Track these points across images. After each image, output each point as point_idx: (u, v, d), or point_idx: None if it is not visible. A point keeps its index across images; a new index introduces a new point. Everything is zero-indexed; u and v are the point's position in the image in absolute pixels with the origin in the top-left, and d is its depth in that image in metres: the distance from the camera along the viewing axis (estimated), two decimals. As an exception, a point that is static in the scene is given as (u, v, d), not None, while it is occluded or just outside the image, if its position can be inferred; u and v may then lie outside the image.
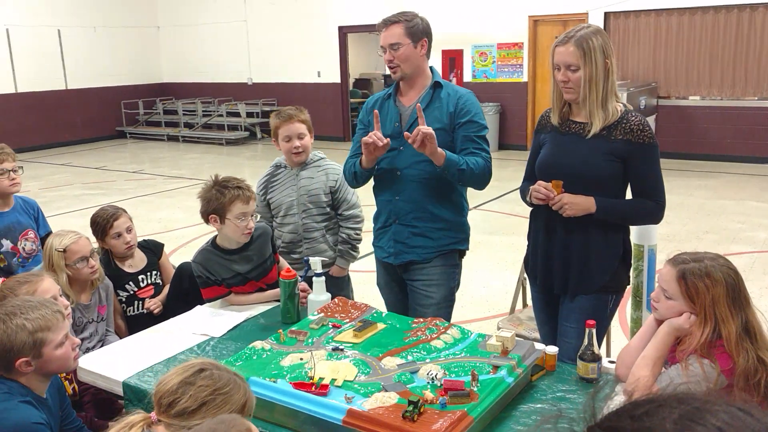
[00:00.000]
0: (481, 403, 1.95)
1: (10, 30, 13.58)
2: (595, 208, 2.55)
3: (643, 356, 2.10)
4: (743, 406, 0.57)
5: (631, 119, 2.55)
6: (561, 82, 2.55)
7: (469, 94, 2.98)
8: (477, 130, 2.92)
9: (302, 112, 3.41)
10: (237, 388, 1.69)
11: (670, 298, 2.08)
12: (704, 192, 8.67)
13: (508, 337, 2.25)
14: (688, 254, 2.10)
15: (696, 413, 0.56)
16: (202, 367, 1.71)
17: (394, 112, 3.00)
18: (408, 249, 3.00)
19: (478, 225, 7.09)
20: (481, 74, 12.50)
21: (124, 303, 3.30)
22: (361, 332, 2.43)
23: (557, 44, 2.55)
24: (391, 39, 2.88)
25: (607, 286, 2.67)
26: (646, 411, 0.58)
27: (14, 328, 1.99)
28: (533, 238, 2.83)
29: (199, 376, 1.68)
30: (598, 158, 2.55)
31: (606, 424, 0.59)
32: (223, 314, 2.94)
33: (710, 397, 0.58)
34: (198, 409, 1.64)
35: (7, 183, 3.43)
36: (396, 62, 2.89)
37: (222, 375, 1.70)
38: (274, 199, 3.45)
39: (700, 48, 10.59)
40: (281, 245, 3.43)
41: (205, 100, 15.62)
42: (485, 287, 5.47)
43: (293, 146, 3.34)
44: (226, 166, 11.70)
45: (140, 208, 8.51)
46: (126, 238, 3.25)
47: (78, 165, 12.38)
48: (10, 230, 3.47)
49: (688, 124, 10.88)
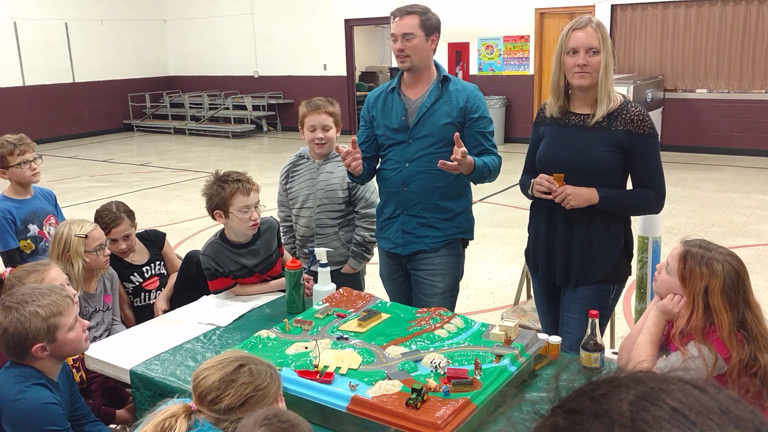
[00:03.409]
0: (483, 392, 1.97)
1: (18, 23, 13.62)
2: (598, 199, 2.56)
3: (637, 343, 2.12)
4: (698, 383, 0.57)
5: (631, 110, 2.55)
6: (577, 66, 2.50)
7: (475, 89, 3.02)
8: (487, 125, 2.98)
9: (332, 105, 3.39)
10: (273, 380, 1.74)
11: (669, 274, 2.10)
12: (710, 185, 8.64)
13: (511, 327, 2.26)
14: (703, 241, 2.10)
15: (652, 393, 0.56)
16: (241, 362, 1.74)
17: (399, 105, 3.01)
18: (416, 239, 3.03)
19: (484, 217, 7.10)
20: (487, 67, 12.48)
21: (131, 294, 3.33)
22: (365, 322, 2.45)
23: (574, 28, 2.51)
24: (405, 29, 2.89)
25: (609, 277, 2.68)
26: (604, 392, 0.58)
27: (28, 315, 2.02)
28: (534, 230, 2.83)
29: (239, 373, 1.71)
30: (599, 149, 2.56)
31: (567, 405, 0.59)
32: (229, 304, 2.97)
33: (667, 377, 0.59)
34: (241, 405, 1.68)
35: (29, 173, 3.50)
36: (407, 52, 2.90)
37: (261, 370, 1.73)
38: (293, 189, 3.44)
39: (707, 41, 10.54)
40: (297, 238, 3.44)
41: (212, 93, 15.64)
42: (490, 279, 5.49)
43: (316, 137, 3.31)
44: (233, 159, 11.73)
45: (147, 201, 8.55)
46: (121, 245, 3.24)
47: (85, 157, 12.43)
48: (35, 215, 3.55)
49: (694, 117, 10.83)
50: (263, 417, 1.49)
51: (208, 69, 16.13)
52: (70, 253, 2.89)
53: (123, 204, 3.34)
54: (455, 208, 3.02)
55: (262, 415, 1.50)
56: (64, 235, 2.92)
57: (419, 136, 2.95)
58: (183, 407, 1.72)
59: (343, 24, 13.84)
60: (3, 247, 3.42)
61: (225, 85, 15.78)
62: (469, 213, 3.12)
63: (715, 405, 0.55)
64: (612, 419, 0.55)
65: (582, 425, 0.56)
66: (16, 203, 3.50)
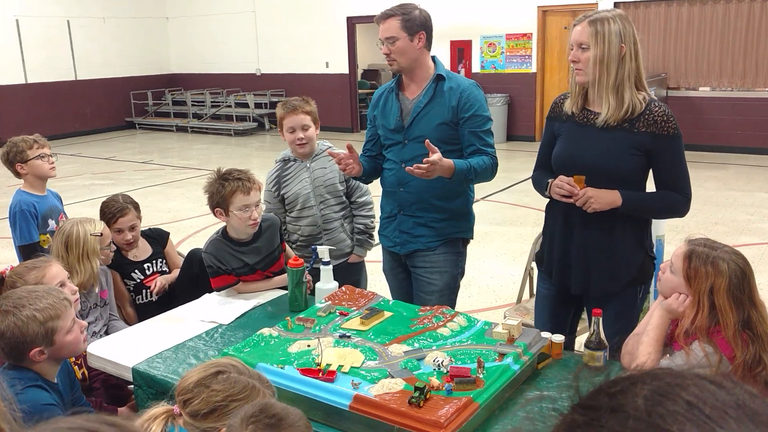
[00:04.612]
0: (486, 390, 1.96)
1: (20, 20, 13.62)
2: (621, 202, 2.44)
3: (641, 342, 2.11)
4: (714, 378, 0.57)
5: (654, 110, 2.44)
6: (571, 62, 2.47)
7: (472, 86, 2.95)
8: (481, 124, 2.91)
9: (308, 103, 3.36)
10: (256, 394, 1.65)
11: (673, 273, 2.09)
12: (713, 183, 8.62)
13: (515, 325, 2.26)
14: (708, 240, 2.08)
15: (667, 388, 0.57)
16: (220, 369, 1.67)
17: (396, 106, 3.01)
18: (413, 239, 3.04)
19: (486, 215, 7.09)
20: (489, 65, 12.46)
21: (132, 291, 3.33)
22: (368, 320, 2.45)
23: (574, 24, 2.48)
24: (387, 33, 2.89)
25: (634, 279, 2.58)
26: (621, 389, 0.58)
27: (25, 319, 2.00)
28: (549, 233, 2.71)
29: (215, 379, 1.65)
30: (621, 151, 2.44)
31: (586, 402, 0.60)
32: (231, 302, 2.97)
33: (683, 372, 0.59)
34: (210, 413, 1.61)
35: (48, 167, 3.62)
36: (393, 56, 2.91)
37: (239, 380, 1.65)
38: (289, 193, 3.39)
39: (710, 38, 10.51)
40: (299, 239, 3.42)
41: (214, 91, 15.64)
42: (492, 277, 5.48)
43: (297, 137, 3.30)
44: (235, 157, 11.72)
45: (149, 198, 8.55)
46: (126, 236, 3.26)
47: (87, 155, 12.44)
48: (52, 212, 3.62)
49: (697, 115, 10.81)
50: (250, 414, 1.44)
51: (210, 66, 16.13)
52: (89, 253, 2.90)
53: (128, 196, 3.39)
54: (453, 208, 3.01)
55: (249, 412, 1.45)
56: (81, 235, 2.90)
57: (413, 136, 2.94)
58: (165, 410, 1.68)
59: (345, 22, 13.83)
60: (28, 240, 3.46)
61: (227, 83, 15.78)
62: (469, 212, 3.10)
63: (731, 399, 0.55)
64: (627, 414, 0.55)
65: (599, 421, 0.57)
66: (37, 198, 3.58)
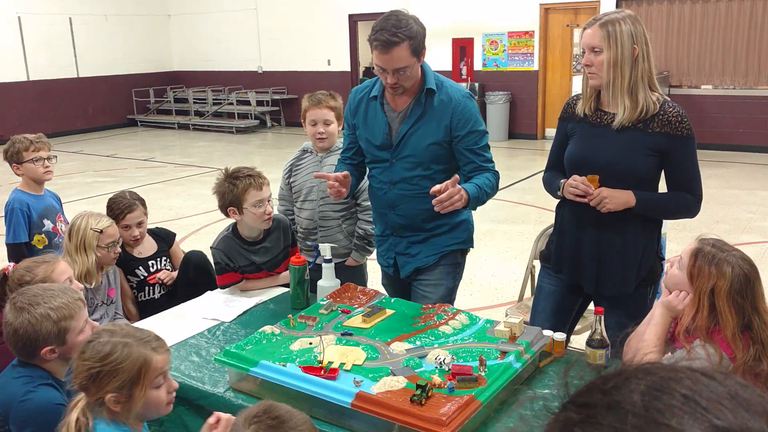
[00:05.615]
0: (488, 388, 1.97)
1: (22, 18, 13.63)
2: (635, 202, 2.43)
3: (643, 340, 2.12)
4: (706, 371, 0.58)
5: (668, 110, 2.41)
6: (585, 67, 2.45)
7: (464, 98, 2.72)
8: (478, 140, 2.73)
9: (334, 99, 3.32)
10: (129, 352, 1.72)
11: (680, 269, 2.09)
12: (715, 181, 8.61)
13: (516, 323, 2.26)
14: (718, 241, 2.07)
15: (662, 382, 0.57)
16: (91, 339, 1.77)
17: (382, 120, 2.78)
18: (410, 258, 2.91)
19: (488, 213, 7.09)
20: (491, 63, 12.45)
21: (135, 289, 3.33)
22: (370, 318, 2.45)
23: (584, 27, 2.47)
24: (397, 63, 2.56)
25: (644, 280, 2.58)
26: (615, 385, 0.59)
27: (38, 317, 2.00)
28: (559, 233, 2.69)
29: (87, 348, 1.73)
30: (635, 152, 2.43)
31: (579, 399, 0.60)
32: (233, 299, 2.97)
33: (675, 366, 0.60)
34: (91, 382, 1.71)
35: (41, 171, 3.59)
36: (400, 83, 2.63)
37: (108, 342, 1.72)
38: (297, 182, 3.41)
39: (712, 36, 10.50)
40: (299, 230, 3.42)
41: (216, 89, 15.64)
42: (494, 275, 5.48)
43: (317, 131, 3.28)
44: (236, 155, 11.74)
45: (151, 196, 8.52)
46: (134, 232, 3.29)
47: (89, 153, 12.45)
48: (49, 211, 3.62)
49: (699, 114, 10.79)
50: (253, 414, 1.44)
51: (212, 64, 16.13)
52: (86, 245, 2.94)
53: (135, 193, 3.43)
54: (450, 222, 2.85)
55: (252, 413, 1.45)
56: (82, 227, 2.97)
57: (402, 156, 2.76)
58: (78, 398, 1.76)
59: (347, 19, 13.82)
60: (13, 239, 3.44)
61: (229, 81, 15.79)
62: (468, 223, 2.96)
63: (725, 391, 0.56)
64: (625, 410, 0.55)
65: (596, 418, 0.57)
66: (33, 197, 3.59)
